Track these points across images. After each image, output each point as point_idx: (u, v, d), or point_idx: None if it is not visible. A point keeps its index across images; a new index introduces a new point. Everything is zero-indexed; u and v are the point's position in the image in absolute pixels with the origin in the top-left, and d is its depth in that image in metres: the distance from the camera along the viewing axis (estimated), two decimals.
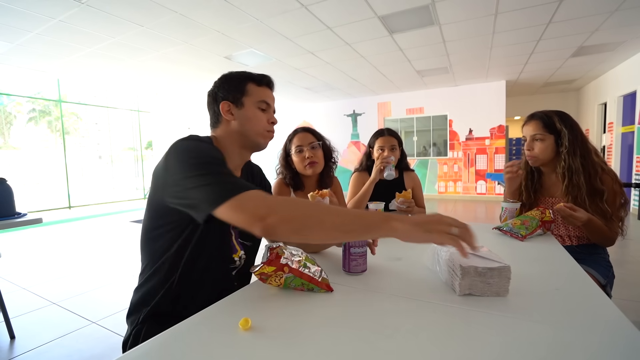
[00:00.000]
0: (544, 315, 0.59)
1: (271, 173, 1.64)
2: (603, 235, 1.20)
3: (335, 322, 0.59)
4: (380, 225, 0.61)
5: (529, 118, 1.36)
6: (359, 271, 0.81)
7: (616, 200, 1.22)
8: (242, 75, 0.91)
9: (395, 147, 1.76)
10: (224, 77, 0.92)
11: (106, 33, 3.80)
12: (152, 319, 0.82)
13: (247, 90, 0.89)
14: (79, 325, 1.90)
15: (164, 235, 0.81)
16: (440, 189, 7.62)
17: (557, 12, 3.47)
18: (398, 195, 1.61)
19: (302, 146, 1.46)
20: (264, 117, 0.91)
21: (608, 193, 1.21)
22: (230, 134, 0.89)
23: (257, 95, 0.90)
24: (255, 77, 0.91)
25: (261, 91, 0.91)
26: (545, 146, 1.29)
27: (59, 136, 8.11)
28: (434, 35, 4.13)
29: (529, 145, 1.33)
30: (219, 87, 0.91)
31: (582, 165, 1.23)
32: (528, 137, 1.34)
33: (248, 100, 0.89)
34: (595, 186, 1.21)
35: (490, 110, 6.98)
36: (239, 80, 0.90)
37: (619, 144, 5.81)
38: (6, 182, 1.75)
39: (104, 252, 3.55)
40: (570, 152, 1.25)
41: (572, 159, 1.24)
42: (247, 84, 0.89)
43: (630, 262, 2.84)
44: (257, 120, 0.89)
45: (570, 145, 1.25)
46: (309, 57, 4.86)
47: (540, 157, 1.31)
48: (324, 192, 1.26)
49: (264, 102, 0.90)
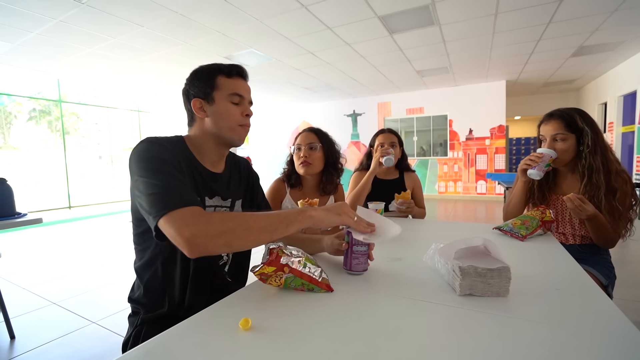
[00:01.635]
0: (544, 315, 0.58)
1: (274, 171, 1.65)
2: (606, 235, 1.19)
3: (335, 322, 0.59)
4: (298, 217, 0.71)
5: (548, 117, 1.30)
6: (360, 270, 0.81)
7: (626, 200, 1.20)
8: (211, 69, 0.86)
9: (395, 144, 1.78)
10: (193, 72, 0.87)
11: (106, 33, 3.80)
12: (151, 320, 0.82)
13: (217, 84, 0.84)
14: (79, 325, 1.90)
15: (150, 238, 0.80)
16: (441, 189, 7.62)
17: (557, 12, 3.47)
18: (397, 196, 1.62)
19: (301, 145, 1.46)
20: (237, 111, 0.85)
21: (620, 192, 1.19)
22: (204, 132, 0.85)
23: (228, 88, 0.84)
24: (224, 69, 0.86)
25: (232, 83, 0.85)
26: (567, 146, 1.24)
27: (59, 136, 8.10)
28: (434, 35, 4.13)
29: (550, 145, 1.26)
30: (190, 84, 0.86)
31: (602, 164, 1.21)
32: (548, 137, 1.27)
33: (219, 95, 0.84)
34: (613, 185, 1.19)
35: (490, 110, 6.98)
36: (207, 74, 0.85)
37: (619, 143, 5.81)
38: (6, 182, 1.75)
39: (104, 252, 3.55)
40: (592, 152, 1.21)
41: (594, 158, 1.21)
42: (217, 78, 0.84)
43: (631, 263, 2.84)
44: (229, 115, 0.84)
45: (593, 144, 1.21)
46: (309, 57, 4.86)
47: (562, 158, 1.26)
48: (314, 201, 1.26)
49: (235, 94, 0.85)
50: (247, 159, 1.08)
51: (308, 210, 0.73)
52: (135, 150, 0.74)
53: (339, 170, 1.54)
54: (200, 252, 0.62)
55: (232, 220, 0.65)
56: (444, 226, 1.51)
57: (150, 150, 0.73)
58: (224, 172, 0.92)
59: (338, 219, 0.75)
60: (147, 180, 0.68)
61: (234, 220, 0.65)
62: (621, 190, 1.20)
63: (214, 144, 0.87)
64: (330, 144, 1.52)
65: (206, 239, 0.61)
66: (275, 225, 0.68)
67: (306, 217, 0.72)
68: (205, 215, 0.64)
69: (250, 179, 1.03)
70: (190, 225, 0.61)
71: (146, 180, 0.68)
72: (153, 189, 0.66)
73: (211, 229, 0.62)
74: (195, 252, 0.61)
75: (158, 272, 0.82)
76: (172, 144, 0.80)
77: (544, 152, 1.25)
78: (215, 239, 0.62)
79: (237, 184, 0.96)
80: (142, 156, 0.72)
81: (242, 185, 0.99)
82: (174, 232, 0.61)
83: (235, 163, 1.00)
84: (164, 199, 0.64)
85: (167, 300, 0.81)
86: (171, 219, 0.62)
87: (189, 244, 0.60)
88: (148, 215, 0.66)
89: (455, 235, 1.26)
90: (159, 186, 0.66)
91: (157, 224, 0.63)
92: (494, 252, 0.74)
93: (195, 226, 0.61)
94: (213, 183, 0.87)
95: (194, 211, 0.64)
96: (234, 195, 0.93)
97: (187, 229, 0.61)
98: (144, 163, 0.71)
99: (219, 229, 0.63)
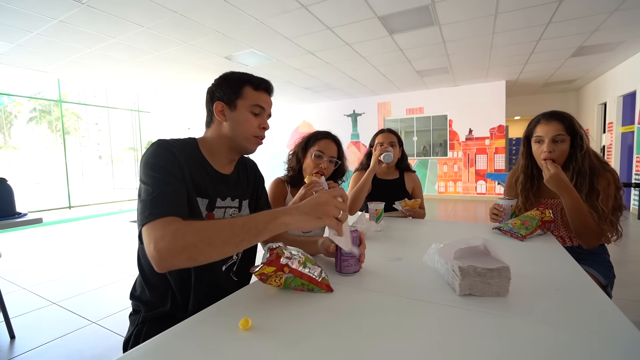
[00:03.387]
0: (544, 315, 0.58)
1: (274, 171, 1.64)
2: (587, 224, 1.17)
3: (335, 322, 0.59)
4: (268, 226, 0.66)
5: (548, 117, 1.28)
6: (351, 272, 0.81)
7: (609, 202, 1.20)
8: (241, 77, 0.89)
9: (395, 144, 1.79)
10: (223, 76, 0.90)
11: (106, 33, 3.80)
12: (153, 319, 0.82)
13: (243, 93, 0.87)
14: (79, 325, 1.90)
15: None
16: (440, 189, 7.62)
17: (557, 12, 3.47)
18: (407, 202, 1.61)
19: (323, 155, 1.41)
20: (255, 122, 0.88)
21: (603, 194, 1.20)
22: (220, 136, 0.88)
23: (253, 99, 0.87)
24: (254, 81, 0.89)
25: (257, 95, 0.88)
26: (565, 148, 1.25)
27: (59, 136, 8.11)
28: (434, 36, 4.13)
29: (550, 147, 1.25)
30: (217, 87, 0.89)
31: (589, 167, 1.22)
32: (547, 138, 1.25)
33: (242, 104, 0.87)
34: (595, 187, 1.21)
35: (490, 110, 6.98)
36: (237, 82, 0.88)
37: (618, 143, 5.81)
38: (6, 182, 1.75)
39: (104, 252, 3.55)
40: (585, 155, 1.22)
41: (582, 162, 1.22)
42: (244, 87, 0.87)
43: (630, 262, 2.84)
44: (247, 124, 0.87)
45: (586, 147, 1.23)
46: (309, 57, 4.86)
47: (560, 159, 1.26)
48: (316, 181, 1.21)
49: (257, 105, 0.88)
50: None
51: (281, 217, 0.67)
52: (145, 154, 0.77)
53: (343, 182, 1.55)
54: (166, 267, 0.63)
55: (194, 235, 0.63)
56: (443, 226, 1.51)
57: (154, 156, 0.76)
58: (232, 174, 0.94)
59: (319, 222, 0.68)
60: (144, 186, 0.72)
61: (197, 235, 0.63)
62: (604, 192, 1.20)
63: (227, 148, 0.89)
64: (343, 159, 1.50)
65: (170, 254, 0.62)
66: (240, 236, 0.65)
67: (279, 225, 0.66)
68: (173, 228, 0.64)
69: (256, 181, 1.04)
70: (158, 240, 0.62)
71: (142, 186, 0.72)
72: (144, 195, 0.70)
73: (174, 245, 0.62)
74: (161, 267, 0.63)
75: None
76: (182, 148, 0.81)
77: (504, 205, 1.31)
78: (178, 255, 0.62)
79: (244, 185, 0.98)
80: (147, 161, 0.75)
81: (250, 186, 1.01)
82: (147, 243, 0.64)
83: (243, 164, 1.02)
84: (148, 207, 0.67)
85: (170, 299, 0.82)
86: (148, 230, 0.65)
87: (155, 259, 0.62)
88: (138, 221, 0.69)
89: (455, 235, 1.27)
90: (150, 193, 0.69)
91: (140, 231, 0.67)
92: (493, 252, 0.74)
93: (162, 241, 0.62)
94: (222, 184, 0.89)
95: (167, 222, 0.65)
96: (241, 196, 0.95)
97: (154, 244, 0.62)
98: (146, 169, 0.74)
99: (180, 244, 0.62)
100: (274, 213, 0.67)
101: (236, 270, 0.91)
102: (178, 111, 8.81)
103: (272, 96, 0.94)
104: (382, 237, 1.22)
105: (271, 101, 0.94)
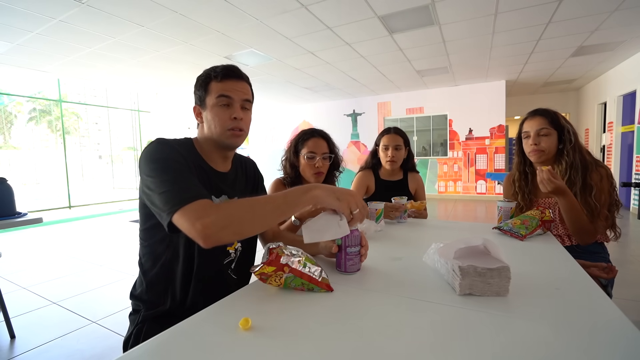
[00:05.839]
0: (544, 315, 0.58)
1: (273, 171, 1.64)
2: (580, 222, 1.19)
3: (335, 322, 0.59)
4: (302, 197, 0.71)
5: (532, 114, 1.36)
6: (355, 270, 0.83)
7: (602, 197, 1.22)
8: (205, 74, 0.86)
9: (400, 147, 1.75)
10: (197, 78, 0.88)
11: (106, 33, 3.80)
12: (153, 318, 0.82)
13: (208, 89, 0.84)
14: (79, 325, 1.90)
15: (156, 234, 0.82)
16: (440, 188, 7.62)
17: (556, 12, 3.47)
18: (413, 204, 1.61)
19: (316, 155, 1.40)
20: (224, 114, 0.83)
21: (595, 189, 1.22)
22: (204, 137, 0.88)
23: (216, 92, 0.83)
24: (214, 72, 0.85)
25: (220, 86, 0.83)
26: (551, 141, 1.30)
27: (59, 136, 8.11)
28: (434, 35, 4.13)
29: (535, 140, 1.31)
30: (194, 90, 0.89)
31: (580, 161, 1.26)
32: (532, 132, 1.32)
33: (209, 100, 0.84)
34: (588, 181, 1.24)
35: (490, 110, 6.98)
36: (204, 80, 0.86)
37: (618, 143, 5.81)
38: (6, 182, 1.75)
39: (104, 252, 3.55)
40: (575, 148, 1.27)
41: (574, 155, 1.26)
42: (210, 83, 0.84)
43: (630, 262, 2.84)
44: (217, 120, 0.83)
45: (576, 141, 1.27)
46: (309, 57, 4.86)
47: (547, 151, 1.30)
48: None
49: (222, 96, 0.83)
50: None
51: (312, 190, 0.72)
52: (146, 151, 0.77)
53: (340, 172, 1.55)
54: (213, 242, 0.64)
55: (239, 209, 0.67)
56: (443, 226, 1.51)
57: (159, 151, 0.76)
58: (230, 172, 0.94)
59: (336, 203, 0.72)
60: (158, 179, 0.70)
61: (241, 209, 0.67)
62: (597, 187, 1.23)
63: (214, 147, 0.89)
64: (336, 151, 1.49)
65: (217, 229, 0.64)
66: (281, 208, 0.70)
67: (310, 197, 0.71)
68: (215, 206, 0.67)
69: (255, 179, 1.05)
70: (202, 217, 0.63)
71: (156, 180, 0.70)
72: (165, 186, 0.69)
73: (220, 220, 0.64)
74: (209, 242, 0.64)
75: (162, 268, 0.83)
76: (180, 146, 0.82)
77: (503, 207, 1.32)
78: (225, 228, 0.65)
79: (242, 183, 0.98)
80: (152, 157, 0.75)
81: (248, 184, 1.01)
82: (188, 225, 0.64)
83: (241, 163, 1.02)
84: (176, 195, 0.67)
85: (169, 298, 0.82)
86: (184, 214, 0.64)
87: (202, 235, 0.63)
88: (161, 212, 0.68)
89: (455, 235, 1.26)
90: (170, 183, 0.69)
91: (171, 220, 0.66)
92: (493, 252, 0.73)
93: (206, 218, 0.63)
94: (220, 182, 0.89)
95: (204, 204, 0.66)
96: (239, 194, 0.94)
97: (199, 221, 0.63)
98: (154, 163, 0.73)
99: (227, 218, 0.65)
100: (306, 187, 0.73)
101: (234, 268, 0.91)
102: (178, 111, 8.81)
103: (243, 78, 0.88)
104: (382, 237, 1.22)
105: (243, 85, 0.87)
